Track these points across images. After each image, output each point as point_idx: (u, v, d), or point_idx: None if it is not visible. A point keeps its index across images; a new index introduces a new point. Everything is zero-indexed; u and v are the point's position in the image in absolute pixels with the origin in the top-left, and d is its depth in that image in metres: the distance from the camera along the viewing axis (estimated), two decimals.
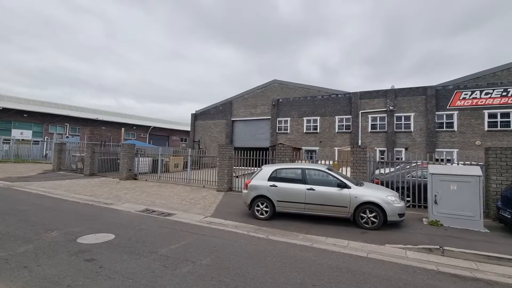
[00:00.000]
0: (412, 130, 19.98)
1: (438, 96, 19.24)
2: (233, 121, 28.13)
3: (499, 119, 17.72)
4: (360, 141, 21.16)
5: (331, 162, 10.95)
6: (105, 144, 18.27)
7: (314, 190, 6.30)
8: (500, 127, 17.68)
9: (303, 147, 23.68)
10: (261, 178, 6.82)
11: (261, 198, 6.69)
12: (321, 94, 23.61)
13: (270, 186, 6.64)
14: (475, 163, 7.56)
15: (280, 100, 25.18)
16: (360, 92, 21.84)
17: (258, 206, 6.72)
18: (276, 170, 6.81)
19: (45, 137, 36.55)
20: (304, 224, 6.33)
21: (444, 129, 19.11)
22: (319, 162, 11.18)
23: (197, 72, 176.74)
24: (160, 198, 9.15)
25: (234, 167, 11.18)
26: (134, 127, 50.77)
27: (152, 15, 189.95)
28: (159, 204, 8.21)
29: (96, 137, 19.59)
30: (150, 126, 53.20)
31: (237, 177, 11.07)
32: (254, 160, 10.85)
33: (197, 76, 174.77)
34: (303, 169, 6.62)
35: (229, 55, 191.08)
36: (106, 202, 8.31)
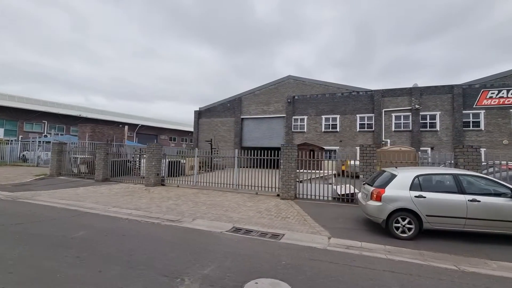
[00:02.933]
0: (438, 129, 19.58)
1: (465, 95, 18.99)
2: (242, 119, 26.30)
3: None
4: (387, 140, 20.41)
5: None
6: (111, 144, 15.76)
7: (479, 201, 4.93)
8: None
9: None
10: (399, 187, 5.33)
11: (402, 212, 5.20)
12: (340, 92, 22.60)
13: (416, 197, 5.17)
14: None
15: (296, 97, 23.84)
16: (382, 90, 21.12)
17: (397, 222, 5.23)
18: (419, 176, 5.36)
19: (20, 136, 32.25)
20: (465, 245, 4.94)
21: (471, 128, 18.89)
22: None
23: (172, 71, 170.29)
24: (228, 210, 7.32)
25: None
26: (120, 125, 46.83)
27: (126, 11, 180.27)
28: (240, 219, 6.41)
29: (98, 136, 16.90)
30: (138, 125, 49.46)
31: (301, 181, 9.48)
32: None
33: (173, 75, 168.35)
34: (455, 175, 5.24)
35: (206, 54, 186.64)
36: (171, 219, 6.35)
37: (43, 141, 24.19)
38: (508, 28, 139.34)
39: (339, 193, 8.87)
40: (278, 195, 9.73)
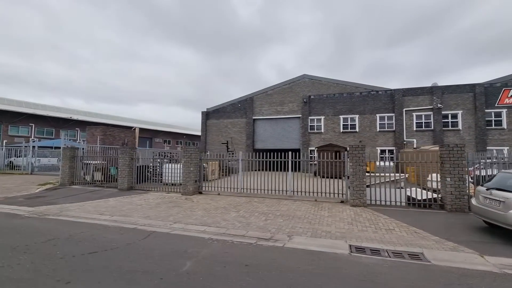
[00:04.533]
0: (461, 128, 19.37)
1: (486, 93, 18.89)
2: (254, 119, 25.18)
3: None
4: (413, 140, 19.97)
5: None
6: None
7: None
8: None
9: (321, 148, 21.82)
10: None
11: None
12: (359, 91, 22.03)
13: None
14: None
15: (312, 97, 23.04)
16: (403, 89, 20.73)
17: None
18: None
19: (4, 141, 29.56)
20: None
21: (493, 127, 18.80)
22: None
23: (154, 73, 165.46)
24: (312, 222, 6.23)
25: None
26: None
27: (104, 11, 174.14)
28: (342, 235, 5.34)
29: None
30: (119, 128, 46.78)
31: (368, 186, 8.53)
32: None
33: (155, 77, 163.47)
34: None
35: (188, 56, 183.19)
36: (261, 237, 5.18)
37: (36, 146, 22.04)
38: (474, 34, 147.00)
39: (417, 198, 8.00)
40: (342, 202, 8.76)
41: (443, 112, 19.67)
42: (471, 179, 8.26)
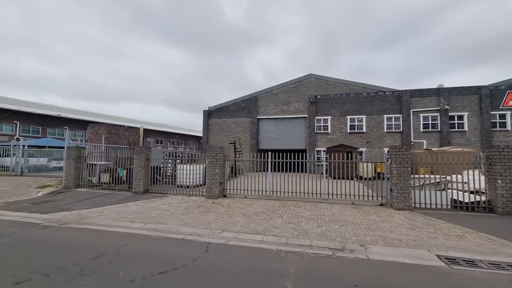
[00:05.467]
0: (467, 130, 19.63)
1: (491, 95, 19.24)
2: (258, 119, 24.57)
3: None
4: (423, 141, 20.03)
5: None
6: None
7: None
8: None
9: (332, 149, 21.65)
10: None
11: None
12: (366, 91, 21.93)
13: None
14: None
15: (318, 97, 22.73)
16: (410, 90, 20.79)
17: None
18: None
19: None
20: None
21: (498, 128, 19.16)
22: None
23: (138, 71, 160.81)
24: (372, 229, 5.73)
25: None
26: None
27: (87, 8, 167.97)
28: (414, 243, 4.88)
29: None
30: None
31: (412, 187, 8.14)
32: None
33: (139, 75, 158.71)
34: None
35: (174, 55, 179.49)
36: (333, 247, 4.61)
37: (26, 145, 20.49)
38: (448, 41, 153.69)
39: (464, 201, 7.69)
40: (381, 205, 8.34)
41: (449, 114, 19.87)
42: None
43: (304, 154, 22.27)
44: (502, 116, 19.15)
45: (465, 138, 19.57)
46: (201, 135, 66.26)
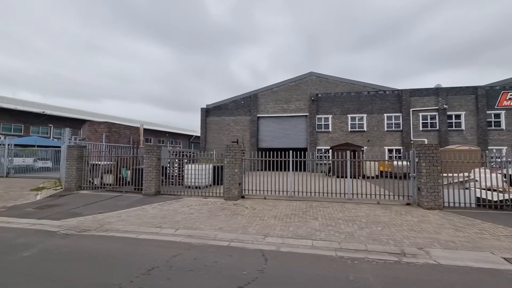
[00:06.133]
0: (464, 129, 20.15)
1: (487, 95, 19.84)
2: (258, 117, 24.17)
3: None
4: (424, 139, 20.35)
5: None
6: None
7: None
8: None
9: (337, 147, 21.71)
10: None
11: None
12: (366, 90, 22.05)
13: None
14: None
15: (319, 95, 22.63)
16: (410, 89, 21.09)
17: None
18: None
19: None
20: None
21: (493, 127, 19.80)
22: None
23: (120, 68, 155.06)
24: (416, 230, 5.53)
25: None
26: (83, 125, 40.48)
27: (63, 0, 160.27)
28: (473, 245, 4.71)
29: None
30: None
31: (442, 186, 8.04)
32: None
33: (121, 72, 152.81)
34: None
35: (158, 52, 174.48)
36: (393, 252, 4.33)
37: (12, 144, 19.09)
38: (427, 44, 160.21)
39: (492, 198, 7.68)
40: (408, 204, 8.22)
41: (447, 113, 20.33)
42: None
43: (304, 153, 22.11)
44: (497, 116, 19.82)
45: (462, 137, 20.11)
46: (192, 133, 65.09)
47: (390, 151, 21.07)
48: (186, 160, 12.24)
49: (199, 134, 60.76)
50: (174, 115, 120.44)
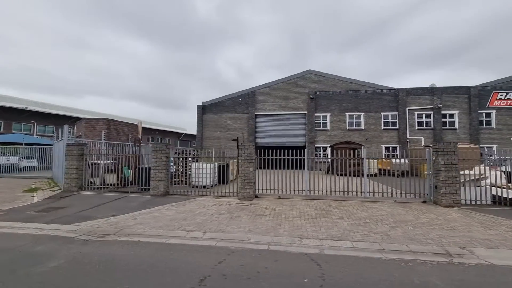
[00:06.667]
0: (457, 127, 20.77)
1: (479, 95, 20.52)
2: (256, 115, 23.89)
3: None
4: (421, 138, 20.77)
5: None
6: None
7: None
8: None
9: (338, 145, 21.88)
10: None
11: None
12: (364, 89, 22.26)
13: None
14: None
15: (318, 93, 22.63)
16: (406, 88, 21.48)
17: None
18: None
19: None
20: None
21: (484, 126, 20.53)
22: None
23: (104, 63, 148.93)
24: (446, 229, 5.48)
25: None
26: (77, 122, 38.71)
27: None
28: None
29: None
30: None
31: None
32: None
33: (105, 68, 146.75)
34: None
35: (144, 49, 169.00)
36: (436, 252, 4.22)
37: None
38: (411, 45, 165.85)
39: (507, 196, 7.83)
40: (424, 202, 8.25)
41: (442, 112, 20.88)
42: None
43: (303, 151, 22.07)
44: (488, 115, 20.57)
45: (456, 135, 20.74)
46: (181, 131, 63.80)
47: (387, 149, 21.42)
48: (190, 159, 11.82)
49: (189, 132, 59.88)
50: (162, 112, 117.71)
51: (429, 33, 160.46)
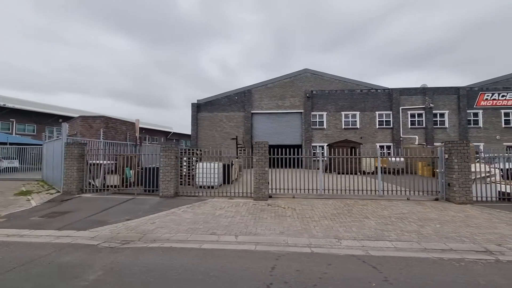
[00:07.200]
0: (447, 126, 21.59)
1: (468, 96, 21.42)
2: (252, 113, 23.66)
3: (511, 118, 21.21)
4: (415, 136, 21.35)
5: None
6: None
7: None
8: None
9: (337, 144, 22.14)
10: None
11: None
12: (359, 88, 22.61)
13: None
14: None
15: (314, 92, 22.74)
16: (400, 88, 22.04)
17: None
18: None
19: None
20: None
21: (472, 125, 21.47)
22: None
23: (81, 60, 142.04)
24: (471, 226, 5.58)
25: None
26: (61, 120, 36.76)
27: None
28: None
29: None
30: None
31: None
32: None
33: (80, 63, 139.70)
34: None
35: (123, 45, 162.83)
36: (477, 250, 4.26)
37: None
38: (389, 47, 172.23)
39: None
40: (436, 199, 8.41)
41: (433, 112, 21.61)
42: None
43: (300, 149, 22.12)
44: (476, 115, 21.54)
45: (446, 134, 21.55)
46: (169, 130, 62.41)
47: (381, 147, 21.91)
48: (195, 159, 11.46)
49: (176, 131, 58.49)
50: (144, 111, 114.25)
51: (403, 36, 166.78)
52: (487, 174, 8.61)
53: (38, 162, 16.83)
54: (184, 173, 11.41)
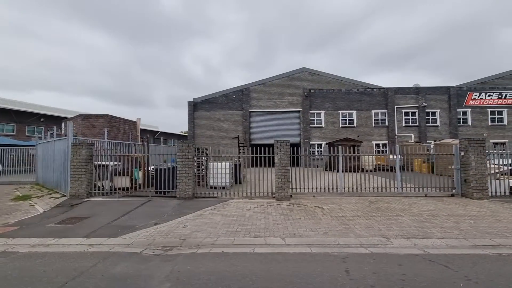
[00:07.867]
0: (439, 125, 22.42)
1: (458, 95, 22.35)
2: (250, 112, 23.42)
3: (496, 116, 22.37)
4: (411, 134, 21.95)
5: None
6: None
7: None
8: (497, 123, 22.35)
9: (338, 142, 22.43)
10: None
11: None
12: (356, 87, 22.97)
13: None
14: None
15: (312, 91, 22.85)
16: (394, 88, 22.61)
17: None
18: None
19: None
20: None
21: (461, 123, 22.44)
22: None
23: (57, 56, 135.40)
24: (502, 221, 5.75)
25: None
26: (42, 119, 34.69)
27: None
28: None
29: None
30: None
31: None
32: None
33: (57, 61, 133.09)
34: None
35: (102, 42, 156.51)
36: None
37: None
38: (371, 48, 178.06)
39: None
40: (452, 195, 8.63)
41: (426, 110, 22.37)
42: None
43: (298, 148, 22.19)
44: (465, 113, 22.53)
45: (438, 132, 22.40)
46: (156, 130, 60.83)
47: (377, 145, 22.41)
48: (205, 159, 11.12)
49: (163, 130, 57.03)
50: (126, 110, 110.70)
51: (380, 40, 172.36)
52: (499, 170, 8.93)
53: (22, 164, 15.74)
54: (196, 174, 11.07)
